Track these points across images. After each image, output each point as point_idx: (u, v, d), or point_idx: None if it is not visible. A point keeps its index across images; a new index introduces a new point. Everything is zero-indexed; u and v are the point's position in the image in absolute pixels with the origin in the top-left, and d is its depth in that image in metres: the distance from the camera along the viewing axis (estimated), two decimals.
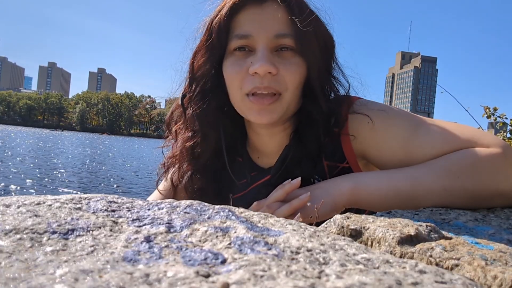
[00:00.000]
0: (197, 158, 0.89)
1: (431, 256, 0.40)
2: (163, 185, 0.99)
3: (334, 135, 0.83)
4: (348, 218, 0.51)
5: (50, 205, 0.42)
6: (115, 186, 10.56)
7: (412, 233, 0.44)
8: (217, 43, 0.81)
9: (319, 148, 0.82)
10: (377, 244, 0.45)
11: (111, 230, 0.37)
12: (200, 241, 0.36)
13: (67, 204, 0.43)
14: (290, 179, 0.73)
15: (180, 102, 0.89)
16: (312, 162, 0.82)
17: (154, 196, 0.99)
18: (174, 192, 0.94)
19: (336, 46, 0.87)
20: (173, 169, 0.94)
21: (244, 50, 0.79)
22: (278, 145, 0.87)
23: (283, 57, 0.78)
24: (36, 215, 0.39)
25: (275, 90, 0.77)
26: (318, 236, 0.38)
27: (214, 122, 0.86)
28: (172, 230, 0.38)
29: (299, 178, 0.72)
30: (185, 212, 0.43)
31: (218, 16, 0.80)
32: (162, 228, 0.38)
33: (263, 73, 0.75)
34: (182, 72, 0.91)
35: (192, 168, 0.90)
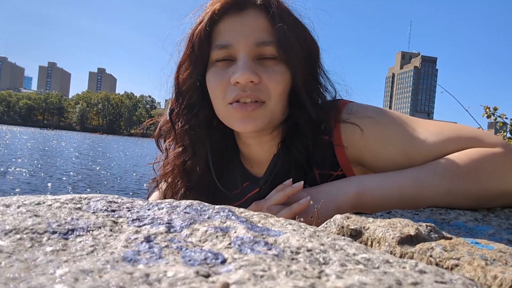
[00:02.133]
0: (190, 173, 0.88)
1: (431, 256, 0.40)
2: (153, 199, 0.99)
3: (327, 144, 0.81)
4: (348, 218, 0.51)
5: (50, 205, 0.42)
6: (85, 184, 10.35)
7: (412, 233, 0.44)
8: (199, 55, 0.79)
9: (308, 157, 0.80)
10: (377, 244, 0.45)
11: (111, 230, 0.37)
12: (200, 241, 0.36)
13: (67, 204, 0.43)
14: (291, 180, 0.72)
15: (168, 118, 0.87)
16: (302, 171, 0.81)
17: None
18: None
19: (321, 52, 0.85)
20: (165, 184, 0.93)
21: (226, 59, 0.78)
22: (267, 154, 0.86)
23: (266, 65, 0.76)
24: (36, 215, 0.39)
25: (258, 99, 0.75)
26: (318, 236, 0.38)
27: (203, 136, 0.85)
28: (172, 230, 0.38)
29: (302, 182, 0.70)
30: (185, 212, 0.43)
31: (199, 27, 0.78)
32: (162, 228, 0.38)
33: (244, 82, 0.73)
34: (168, 86, 0.89)
35: (186, 184, 0.89)
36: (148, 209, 0.44)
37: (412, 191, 0.67)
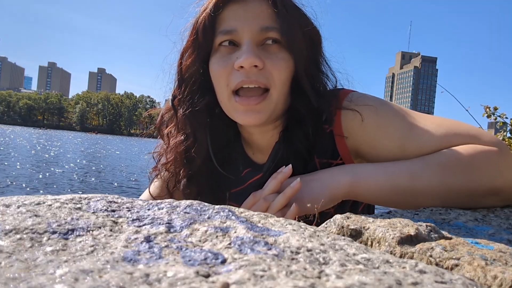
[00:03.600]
0: (192, 161, 0.88)
1: (431, 256, 0.40)
2: (154, 189, 0.98)
3: (327, 133, 0.82)
4: (348, 218, 0.51)
5: (50, 205, 0.42)
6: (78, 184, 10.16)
7: (412, 233, 0.44)
8: (203, 42, 0.80)
9: (309, 145, 0.81)
10: (377, 244, 0.45)
11: (111, 230, 0.37)
12: (200, 241, 0.36)
13: (67, 204, 0.43)
14: (283, 167, 0.73)
15: (170, 104, 0.88)
16: (303, 160, 0.82)
17: (145, 197, 0.98)
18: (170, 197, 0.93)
19: (323, 41, 0.86)
20: (167, 173, 0.93)
21: (230, 45, 0.78)
22: (269, 142, 0.86)
23: (270, 51, 0.77)
24: (36, 215, 0.39)
25: (262, 84, 0.76)
26: (318, 236, 0.38)
27: (205, 124, 0.85)
28: (172, 230, 0.38)
29: (290, 166, 0.72)
30: (185, 212, 0.43)
31: (203, 14, 0.79)
32: (162, 228, 0.38)
33: (248, 66, 0.73)
34: (171, 75, 0.90)
35: (188, 172, 0.89)
36: (148, 209, 0.44)
37: (405, 182, 0.68)
